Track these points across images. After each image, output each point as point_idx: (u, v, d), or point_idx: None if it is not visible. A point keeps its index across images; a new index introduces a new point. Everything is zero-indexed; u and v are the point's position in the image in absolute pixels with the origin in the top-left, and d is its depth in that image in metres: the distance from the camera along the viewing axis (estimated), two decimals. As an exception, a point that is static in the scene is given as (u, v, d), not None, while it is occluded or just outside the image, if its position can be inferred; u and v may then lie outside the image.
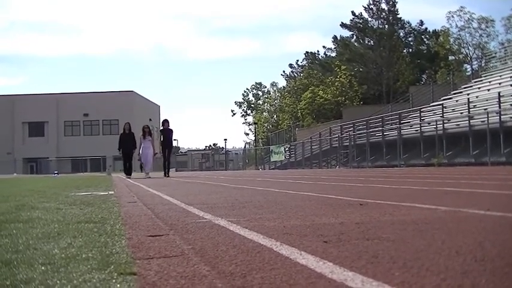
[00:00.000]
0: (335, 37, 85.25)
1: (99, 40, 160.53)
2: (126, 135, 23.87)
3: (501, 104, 30.06)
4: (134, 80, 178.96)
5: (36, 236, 3.67)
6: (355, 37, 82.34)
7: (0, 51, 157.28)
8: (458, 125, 33.35)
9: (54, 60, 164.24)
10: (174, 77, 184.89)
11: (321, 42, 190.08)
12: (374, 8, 79.02)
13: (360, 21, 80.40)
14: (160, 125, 24.86)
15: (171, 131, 24.72)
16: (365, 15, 79.94)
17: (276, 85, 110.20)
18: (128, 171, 23.78)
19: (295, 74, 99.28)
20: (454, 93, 43.70)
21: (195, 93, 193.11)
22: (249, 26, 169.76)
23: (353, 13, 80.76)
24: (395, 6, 78.38)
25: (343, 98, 73.11)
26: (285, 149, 59.46)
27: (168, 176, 23.16)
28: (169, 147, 24.58)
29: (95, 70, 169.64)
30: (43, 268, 2.49)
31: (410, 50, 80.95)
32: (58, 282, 2.20)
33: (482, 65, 63.19)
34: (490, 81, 40.83)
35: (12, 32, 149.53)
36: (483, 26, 71.55)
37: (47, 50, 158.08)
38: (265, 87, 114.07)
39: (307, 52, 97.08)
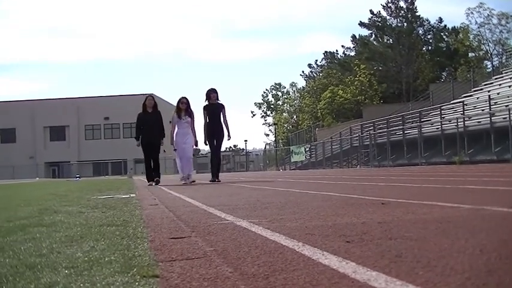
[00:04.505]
0: (354, 36, 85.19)
1: (118, 44, 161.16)
2: (148, 115, 15.82)
3: (523, 100, 29.80)
4: (154, 83, 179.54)
5: (59, 239, 3.69)
6: (373, 36, 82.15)
7: (20, 58, 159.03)
8: (479, 122, 33.10)
9: (73, 65, 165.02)
10: (194, 79, 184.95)
11: (339, 42, 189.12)
12: (392, 6, 78.74)
13: (379, 20, 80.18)
14: (205, 98, 16.01)
15: (222, 107, 15.94)
16: (383, 13, 79.75)
17: (295, 85, 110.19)
18: (153, 174, 15.93)
19: (315, 74, 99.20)
20: (475, 90, 43.38)
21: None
22: (267, 27, 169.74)
23: (371, 12, 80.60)
24: (413, 3, 77.99)
25: (363, 97, 72.99)
26: (305, 149, 59.38)
27: (219, 180, 15.52)
28: (219, 134, 15.84)
29: (114, 74, 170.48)
30: (66, 271, 2.50)
31: (430, 47, 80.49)
32: (81, 285, 2.21)
33: (503, 61, 62.68)
34: (511, 77, 40.44)
35: (32, 38, 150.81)
36: (503, 22, 71.08)
37: (66, 55, 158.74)
38: (285, 87, 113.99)
39: (326, 52, 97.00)
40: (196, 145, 15.72)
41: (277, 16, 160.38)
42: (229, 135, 15.91)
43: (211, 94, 15.74)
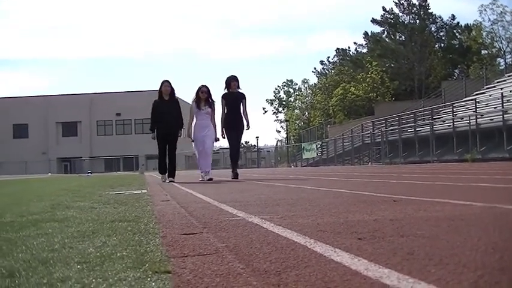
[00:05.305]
0: (366, 33, 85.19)
1: (128, 42, 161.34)
2: (164, 103, 14.03)
3: (536, 98, 29.66)
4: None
5: (71, 234, 3.70)
6: (386, 33, 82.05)
7: (32, 53, 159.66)
8: (491, 119, 32.96)
9: (85, 62, 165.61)
10: (205, 77, 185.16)
11: (351, 39, 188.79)
12: (405, 3, 78.59)
13: (391, 17, 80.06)
14: (224, 86, 14.70)
15: (243, 96, 14.63)
16: (396, 10, 79.68)
17: (307, 82, 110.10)
18: (166, 168, 14.30)
19: (326, 71, 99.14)
20: (487, 88, 43.23)
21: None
22: (279, 24, 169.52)
23: (384, 8, 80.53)
24: (426, 0, 77.86)
25: (375, 94, 72.87)
26: (316, 146, 59.28)
27: (236, 174, 14.64)
28: (239, 126, 14.47)
29: (126, 72, 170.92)
30: (79, 267, 2.51)
31: (442, 44, 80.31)
32: (94, 280, 2.22)
33: (516, 58, 62.38)
34: (524, 75, 40.34)
35: (43, 35, 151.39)
36: (516, 19, 70.65)
37: (77, 51, 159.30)
38: (297, 84, 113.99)
39: (338, 49, 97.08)
40: (218, 139, 14.31)
41: (290, 13, 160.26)
42: (248, 125, 14.44)
43: (232, 82, 14.38)
